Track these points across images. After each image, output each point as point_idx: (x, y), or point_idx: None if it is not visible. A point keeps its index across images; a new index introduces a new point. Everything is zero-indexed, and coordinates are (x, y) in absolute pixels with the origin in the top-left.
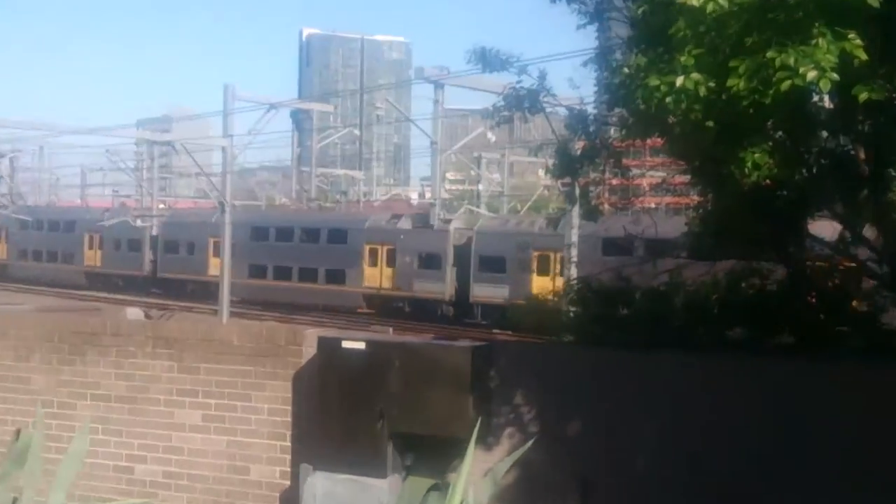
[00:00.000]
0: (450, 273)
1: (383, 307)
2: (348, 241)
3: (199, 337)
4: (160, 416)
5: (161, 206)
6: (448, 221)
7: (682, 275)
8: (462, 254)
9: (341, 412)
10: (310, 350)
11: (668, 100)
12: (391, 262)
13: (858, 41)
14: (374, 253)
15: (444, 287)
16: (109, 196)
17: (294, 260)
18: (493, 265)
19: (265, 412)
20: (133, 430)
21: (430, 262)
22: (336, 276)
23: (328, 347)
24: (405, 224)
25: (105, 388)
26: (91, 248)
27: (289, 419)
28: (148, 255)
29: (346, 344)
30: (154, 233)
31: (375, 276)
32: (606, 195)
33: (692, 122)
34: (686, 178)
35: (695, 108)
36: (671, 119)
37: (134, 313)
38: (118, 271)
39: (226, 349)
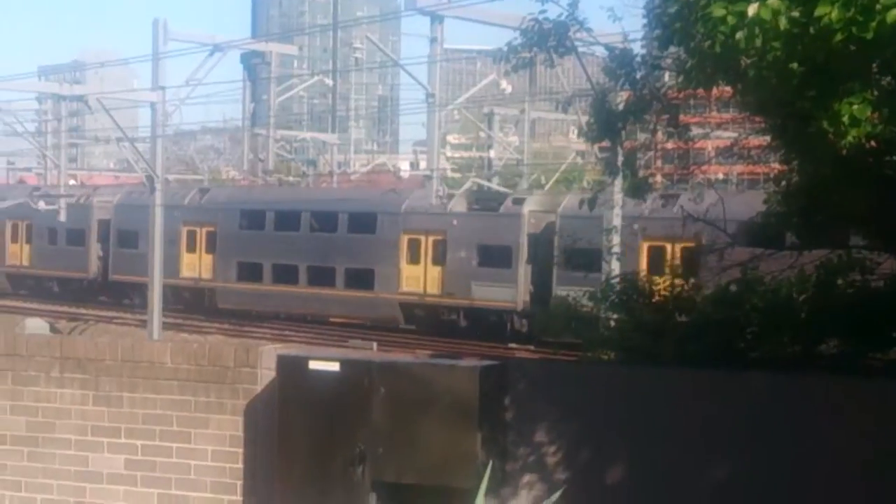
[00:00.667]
0: (523, 273)
1: (429, 320)
2: (378, 230)
3: (120, 357)
4: (70, 462)
5: (72, 181)
6: (520, 202)
7: (759, 269)
8: (539, 246)
9: (309, 455)
10: (267, 373)
11: (738, 35)
12: (439, 258)
13: None
14: (415, 245)
15: (514, 292)
16: (2, 169)
17: (302, 256)
18: (585, 261)
19: (208, 457)
20: (34, 480)
21: (496, 257)
22: (361, 279)
23: (291, 369)
24: (459, 206)
25: None
26: (15, 240)
27: (239, 465)
28: (95, 250)
29: (314, 364)
30: (102, 217)
31: (417, 278)
32: (659, 163)
33: (770, 65)
34: (764, 139)
35: (773, 45)
36: (743, 61)
37: (36, 325)
38: (54, 272)
39: (156, 373)
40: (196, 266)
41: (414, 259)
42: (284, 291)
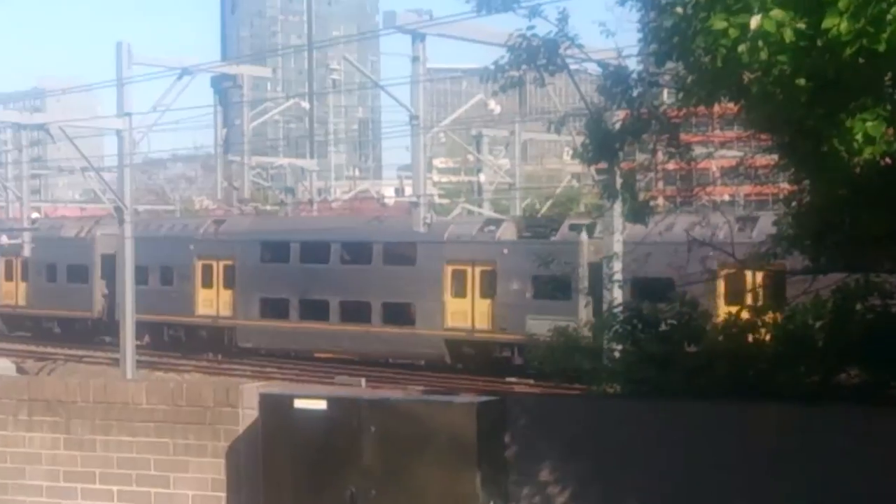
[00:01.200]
0: (584, 305)
1: (479, 358)
2: (418, 261)
3: (93, 398)
4: None
5: (35, 214)
6: (578, 227)
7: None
8: (601, 276)
9: (296, 499)
10: (250, 413)
11: (740, 49)
12: (488, 289)
13: None
14: (460, 277)
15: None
16: None
17: (332, 290)
18: (656, 292)
19: (189, 502)
20: None
21: (552, 288)
22: (400, 314)
23: (275, 408)
24: (508, 233)
25: None
26: (10, 278)
27: None
28: (99, 287)
29: (299, 403)
30: (105, 251)
31: (464, 312)
32: (660, 185)
33: (776, 80)
34: (771, 158)
35: (779, 59)
36: (746, 76)
37: (1, 366)
38: (54, 312)
39: (132, 415)
40: (213, 303)
41: (459, 291)
42: (314, 329)
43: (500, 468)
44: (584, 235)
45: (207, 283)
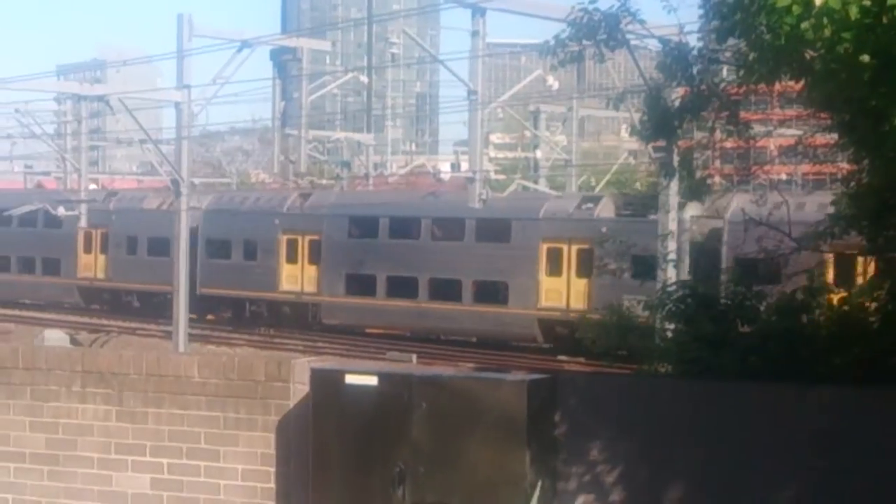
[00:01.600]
0: None
1: (572, 338)
2: (513, 238)
3: (145, 371)
4: (93, 481)
5: (93, 186)
6: (681, 206)
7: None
8: (703, 256)
9: (346, 475)
10: (301, 388)
11: (804, 26)
12: (585, 268)
13: None
14: (555, 256)
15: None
16: (20, 173)
17: (422, 267)
18: (764, 272)
19: (239, 476)
20: (55, 500)
21: (653, 268)
22: (493, 293)
23: (326, 384)
24: (606, 211)
25: (16, 444)
26: (89, 251)
27: (272, 485)
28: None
29: (350, 378)
30: (188, 225)
31: (559, 292)
32: (717, 163)
33: (840, 58)
34: (831, 137)
35: (843, 37)
36: (809, 54)
37: (55, 337)
38: (133, 285)
39: (184, 388)
40: (298, 278)
41: (555, 270)
42: (401, 306)
43: (550, 447)
44: (687, 213)
45: (292, 259)
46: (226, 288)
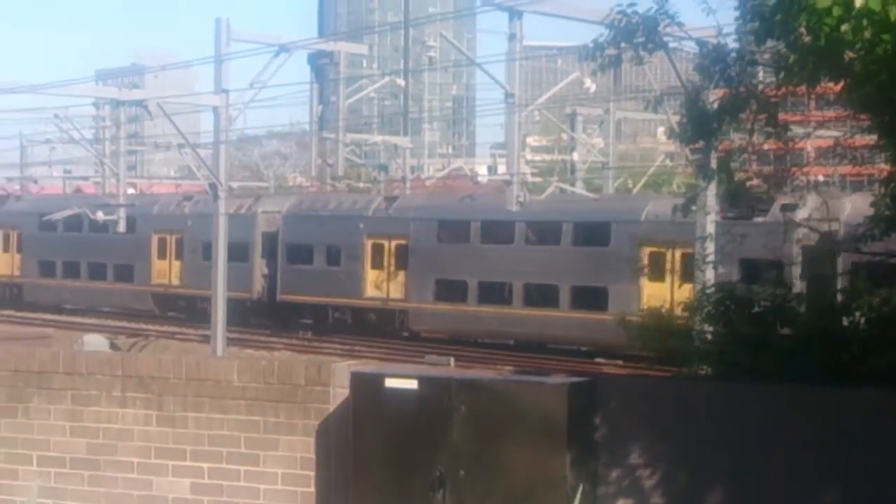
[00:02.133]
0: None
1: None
2: (612, 242)
3: (185, 375)
4: (133, 486)
5: (130, 190)
6: (792, 208)
7: (868, 278)
8: (817, 261)
9: (386, 479)
10: (341, 392)
11: (844, 27)
12: (688, 273)
13: None
14: (658, 259)
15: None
16: (59, 178)
17: (515, 272)
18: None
19: (279, 480)
20: None
21: (763, 273)
22: (590, 298)
23: (366, 388)
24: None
25: (57, 448)
26: (163, 256)
27: (312, 489)
28: (260, 266)
29: (390, 382)
30: (267, 229)
31: (662, 297)
32: (755, 166)
33: (879, 59)
34: (870, 138)
35: (883, 38)
36: (849, 55)
37: (95, 342)
38: (209, 292)
39: (223, 392)
40: (384, 284)
41: (657, 275)
42: (494, 313)
43: (590, 450)
44: (799, 214)
45: (378, 264)
46: (307, 294)
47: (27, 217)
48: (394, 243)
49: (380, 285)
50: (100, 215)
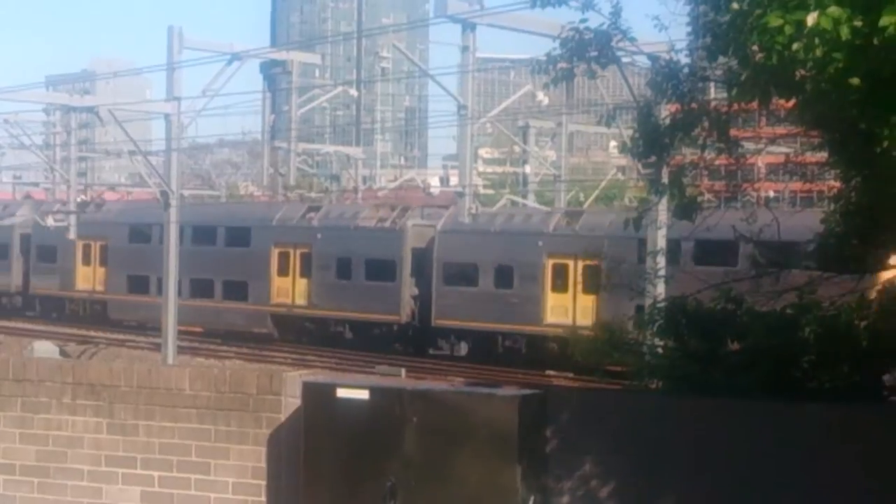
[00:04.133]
0: None
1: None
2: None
3: (136, 383)
4: (83, 493)
5: (81, 197)
6: None
7: (817, 294)
8: None
9: (337, 489)
10: (292, 401)
11: (795, 46)
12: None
13: None
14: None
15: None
16: (9, 183)
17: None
18: None
19: (230, 489)
20: None
21: None
22: None
23: (318, 397)
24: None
25: (6, 456)
26: (285, 272)
27: (262, 499)
28: (408, 287)
29: (342, 392)
30: (416, 245)
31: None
32: (706, 181)
33: (831, 78)
34: (821, 155)
35: (834, 56)
36: (800, 73)
37: (44, 349)
38: (346, 314)
39: (174, 401)
40: (568, 309)
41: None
42: None
43: (541, 462)
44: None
45: (560, 287)
46: (469, 320)
47: (115, 227)
48: (581, 263)
49: (564, 310)
50: (51, 221)
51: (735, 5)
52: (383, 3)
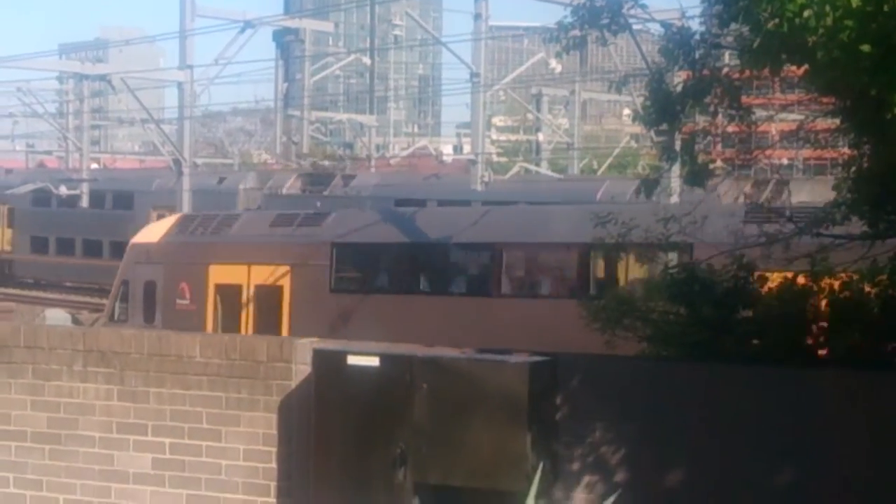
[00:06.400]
0: None
1: None
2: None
3: (147, 351)
4: (94, 460)
5: (94, 165)
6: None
7: (828, 261)
8: None
9: (347, 455)
10: (303, 368)
11: (806, 13)
12: None
13: None
14: None
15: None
16: (22, 152)
17: None
18: None
19: (240, 456)
20: (57, 479)
21: None
22: None
23: (328, 364)
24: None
25: (17, 423)
26: None
27: (273, 465)
28: None
29: (352, 359)
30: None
31: None
32: (719, 148)
33: (841, 45)
34: (832, 122)
35: (846, 24)
36: (811, 40)
37: (56, 316)
38: None
39: (185, 368)
40: None
41: None
42: None
43: (551, 429)
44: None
45: None
46: None
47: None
48: None
49: None
50: (63, 190)
51: None
52: None
